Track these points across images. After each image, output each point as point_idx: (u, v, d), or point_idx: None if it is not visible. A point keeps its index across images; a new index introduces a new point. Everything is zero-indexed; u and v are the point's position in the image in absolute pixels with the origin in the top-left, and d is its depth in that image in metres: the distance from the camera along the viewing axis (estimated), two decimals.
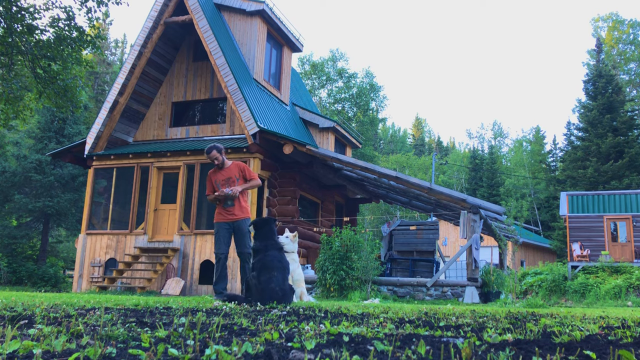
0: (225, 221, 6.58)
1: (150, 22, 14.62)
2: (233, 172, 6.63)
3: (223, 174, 6.64)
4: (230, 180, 6.60)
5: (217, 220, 6.64)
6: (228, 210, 6.57)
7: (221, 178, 6.61)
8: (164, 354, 1.55)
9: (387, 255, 13.66)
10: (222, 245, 6.55)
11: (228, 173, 6.64)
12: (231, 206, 6.55)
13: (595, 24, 48.69)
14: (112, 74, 44.82)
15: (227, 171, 6.66)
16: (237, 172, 6.63)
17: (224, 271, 6.53)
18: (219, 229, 6.58)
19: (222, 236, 6.56)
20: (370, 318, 3.44)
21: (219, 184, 6.58)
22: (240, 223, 6.59)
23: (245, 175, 6.68)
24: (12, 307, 3.59)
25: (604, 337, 2.30)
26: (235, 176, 6.62)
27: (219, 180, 6.60)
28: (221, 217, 6.60)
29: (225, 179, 6.60)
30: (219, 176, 6.63)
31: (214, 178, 6.67)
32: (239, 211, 6.61)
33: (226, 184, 6.55)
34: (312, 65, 42.30)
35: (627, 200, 22.32)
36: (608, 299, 17.35)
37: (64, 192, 23.48)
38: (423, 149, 71.72)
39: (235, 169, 6.65)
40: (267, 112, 14.55)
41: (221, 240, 6.55)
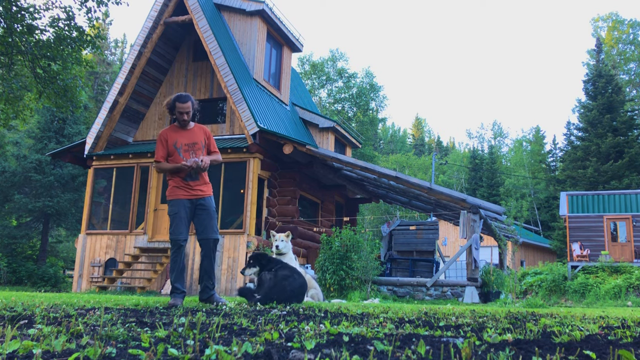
0: (189, 198, 5.15)
1: (150, 22, 14.62)
2: (199, 136, 5.28)
3: (186, 135, 5.22)
4: (196, 147, 5.22)
5: (175, 197, 5.15)
6: (191, 185, 5.16)
7: (184, 141, 5.18)
8: (163, 354, 1.55)
9: (387, 255, 13.66)
10: (182, 228, 5.11)
11: (192, 136, 5.25)
12: (196, 180, 5.17)
13: (595, 24, 48.73)
14: (112, 74, 44.82)
15: (190, 133, 5.26)
16: (202, 137, 5.30)
17: (183, 263, 5.17)
18: (179, 208, 5.10)
19: (183, 217, 5.11)
20: (370, 318, 3.44)
21: (179, 149, 5.16)
22: (208, 201, 5.22)
23: (210, 144, 5.40)
24: (12, 307, 3.59)
25: (603, 337, 2.30)
26: (202, 142, 5.27)
27: (180, 143, 5.17)
28: (182, 193, 5.14)
29: (189, 142, 5.20)
30: (181, 138, 5.19)
31: (172, 139, 5.18)
32: (205, 186, 5.25)
33: (190, 150, 5.18)
34: (312, 65, 42.31)
35: (627, 200, 22.33)
36: (608, 299, 17.35)
37: (64, 192, 23.48)
38: (423, 149, 71.73)
39: (201, 132, 5.32)
40: (267, 112, 14.55)
41: (182, 223, 5.10)
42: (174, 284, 5.05)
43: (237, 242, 12.84)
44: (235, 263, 12.72)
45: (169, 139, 5.19)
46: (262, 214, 14.00)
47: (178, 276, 5.10)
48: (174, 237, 5.10)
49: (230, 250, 12.86)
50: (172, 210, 5.14)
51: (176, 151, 5.17)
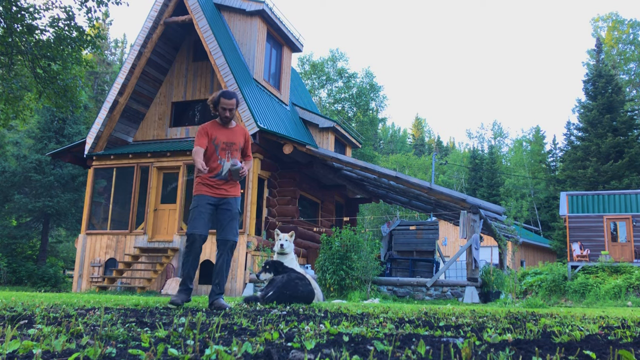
0: (213, 195, 4.89)
1: (150, 22, 14.62)
2: (238, 137, 5.07)
3: (226, 134, 5.02)
4: (234, 147, 5.01)
5: (199, 192, 4.91)
6: (218, 183, 4.91)
7: (223, 139, 4.99)
8: (163, 354, 1.55)
9: (387, 255, 13.66)
10: (199, 223, 4.81)
11: (232, 136, 5.05)
12: (224, 179, 4.92)
13: (595, 24, 48.73)
14: (112, 74, 44.82)
15: (231, 132, 5.05)
16: (242, 139, 5.10)
17: (196, 260, 4.88)
18: (200, 203, 4.86)
19: (202, 212, 4.83)
20: (370, 318, 3.44)
21: (217, 146, 4.96)
22: (231, 201, 4.96)
23: (247, 147, 5.20)
24: (12, 307, 3.59)
25: (603, 337, 2.30)
26: (240, 143, 5.08)
27: (219, 140, 4.97)
28: (206, 190, 4.90)
29: (228, 142, 5.00)
30: (221, 135, 4.99)
31: (213, 134, 4.99)
32: (231, 187, 4.99)
33: (227, 150, 4.98)
34: (312, 65, 42.31)
35: (627, 200, 22.33)
36: (608, 299, 17.35)
37: (64, 192, 23.48)
38: (423, 149, 71.73)
39: (241, 134, 5.12)
40: (267, 112, 14.55)
41: (200, 217, 4.82)
42: (183, 279, 4.87)
43: (237, 242, 12.83)
44: (235, 263, 12.72)
45: (210, 133, 4.99)
46: (262, 214, 14.00)
47: (189, 272, 4.87)
48: (189, 230, 4.83)
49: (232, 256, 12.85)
50: (193, 204, 4.94)
51: (214, 147, 4.97)
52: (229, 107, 4.96)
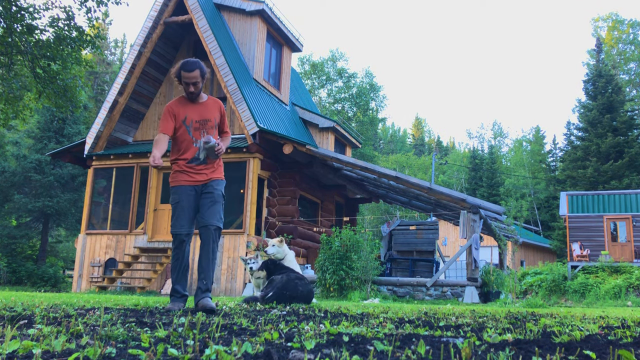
0: (193, 184, 4.28)
1: (150, 22, 14.62)
2: (212, 112, 4.39)
3: (197, 110, 4.34)
4: (209, 124, 4.34)
5: (176, 183, 4.30)
6: (196, 169, 4.29)
7: (194, 116, 4.31)
8: (163, 354, 1.55)
9: (387, 255, 13.66)
10: (184, 220, 4.23)
11: (205, 111, 4.36)
12: (203, 163, 4.30)
13: (595, 24, 48.74)
14: (112, 73, 44.82)
15: (203, 108, 4.37)
16: (217, 114, 4.41)
17: (185, 262, 4.29)
18: (181, 196, 4.25)
19: (185, 207, 4.24)
20: (370, 318, 3.44)
21: (189, 126, 4.29)
22: (214, 183, 4.35)
23: (224, 122, 4.53)
24: (12, 307, 3.59)
25: (603, 337, 2.30)
26: (215, 119, 4.39)
27: (190, 120, 4.29)
28: (185, 179, 4.28)
29: (201, 119, 4.32)
30: (192, 112, 4.32)
31: (181, 113, 4.30)
32: (213, 170, 4.38)
33: (202, 129, 4.30)
34: (312, 65, 42.32)
35: (627, 200, 22.34)
36: (608, 299, 17.35)
37: (64, 192, 23.48)
38: (423, 148, 71.74)
39: (215, 108, 4.43)
40: (266, 112, 14.55)
41: (184, 214, 4.23)
42: (174, 285, 4.25)
43: (237, 242, 12.84)
44: (235, 263, 12.72)
45: (177, 113, 4.30)
46: (262, 214, 14.00)
47: (179, 277, 4.26)
48: (173, 230, 4.23)
49: (230, 250, 12.86)
50: (173, 199, 4.30)
51: (185, 128, 4.28)
52: (193, 81, 4.22)
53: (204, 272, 4.23)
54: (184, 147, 4.33)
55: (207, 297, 4.12)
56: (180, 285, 4.25)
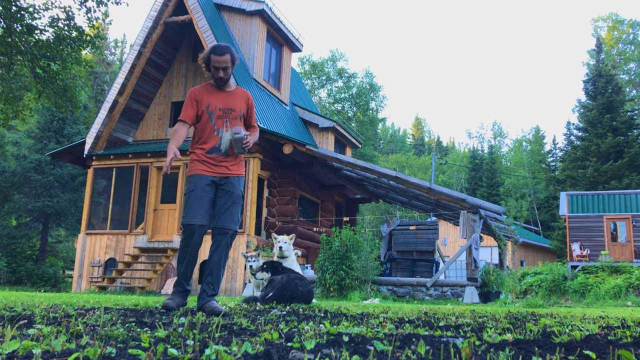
0: (212, 174, 3.96)
1: (150, 22, 14.62)
2: (239, 102, 4.11)
3: (223, 98, 4.06)
4: (233, 114, 4.05)
5: (194, 172, 3.97)
6: (217, 159, 3.98)
7: (219, 104, 4.03)
8: (163, 354, 1.55)
9: (386, 255, 13.65)
10: (198, 210, 3.89)
11: (231, 100, 4.08)
12: (224, 155, 4.00)
13: (595, 24, 48.74)
14: (112, 73, 44.82)
15: (229, 97, 4.09)
16: (243, 105, 4.13)
17: (195, 255, 3.95)
18: (198, 185, 3.92)
19: (201, 196, 3.90)
20: (370, 318, 3.44)
21: (212, 113, 4.00)
22: (234, 181, 4.02)
23: (251, 114, 4.24)
24: (12, 307, 3.59)
25: (603, 337, 2.30)
26: (241, 110, 4.11)
27: (214, 107, 4.02)
28: (203, 169, 3.96)
29: (225, 108, 4.04)
30: (216, 100, 4.04)
31: (205, 100, 4.03)
32: (234, 163, 4.06)
33: (225, 118, 4.02)
34: (312, 65, 42.32)
35: (627, 200, 22.34)
36: (608, 298, 17.36)
37: (64, 192, 23.49)
38: (423, 148, 71.73)
39: (242, 98, 4.15)
40: (266, 112, 14.55)
41: (199, 203, 3.90)
42: (181, 279, 3.97)
43: (237, 242, 12.84)
44: (235, 263, 12.72)
45: (201, 99, 4.02)
46: (261, 213, 14.00)
47: (185, 270, 3.94)
48: (185, 220, 3.91)
49: (230, 250, 12.85)
50: (188, 187, 3.99)
51: (208, 116, 3.99)
52: (223, 66, 3.95)
53: (214, 277, 3.93)
54: (205, 135, 4.01)
55: (214, 300, 3.88)
56: (185, 279, 3.98)
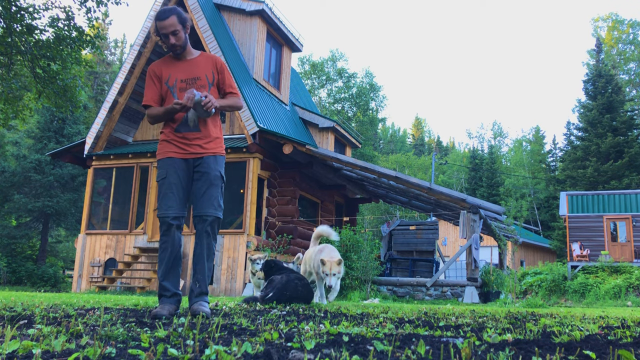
0: (183, 156, 3.51)
1: (150, 22, 14.61)
2: (204, 68, 3.62)
3: (184, 68, 3.60)
4: (199, 82, 3.57)
5: (164, 156, 3.54)
6: (188, 138, 3.51)
7: (180, 75, 3.57)
8: (163, 354, 1.55)
9: (386, 255, 13.66)
10: (172, 200, 3.46)
11: (194, 68, 3.61)
12: (195, 130, 3.52)
13: (595, 24, 48.75)
14: (112, 73, 44.82)
15: (192, 65, 3.62)
16: (210, 71, 3.62)
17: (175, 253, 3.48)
18: (169, 170, 3.49)
19: (173, 183, 3.47)
20: (370, 318, 3.44)
21: (173, 87, 3.55)
22: (209, 160, 3.53)
23: (224, 78, 3.67)
24: (12, 307, 3.59)
25: (603, 337, 2.30)
26: (207, 77, 3.60)
27: (174, 79, 3.56)
28: (174, 150, 3.52)
29: (188, 78, 3.58)
30: (177, 71, 3.59)
31: (165, 73, 3.58)
32: (209, 141, 3.56)
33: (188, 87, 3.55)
34: (312, 65, 42.33)
35: (627, 200, 22.34)
36: (608, 298, 17.36)
37: (64, 192, 23.49)
38: (423, 148, 71.73)
39: (208, 64, 3.64)
40: (266, 112, 14.55)
41: (172, 192, 3.46)
42: (162, 281, 3.44)
43: (237, 242, 12.84)
44: (235, 263, 12.71)
45: (160, 74, 3.58)
46: (261, 213, 14.00)
47: (168, 271, 3.45)
48: (159, 213, 3.47)
49: (230, 250, 12.85)
50: (159, 174, 3.53)
51: (169, 90, 3.55)
52: (170, 30, 3.46)
53: (199, 272, 3.49)
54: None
55: (202, 301, 3.42)
56: (170, 281, 3.44)
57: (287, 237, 13.35)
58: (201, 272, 3.48)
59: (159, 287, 3.46)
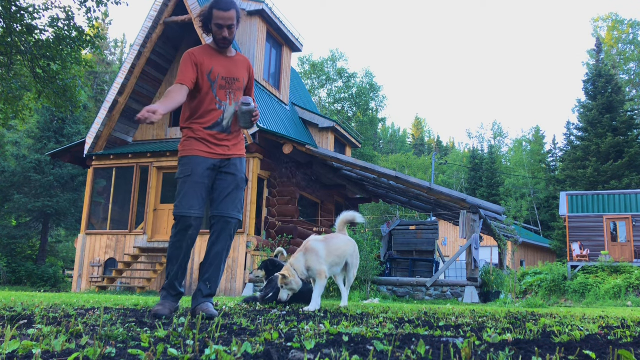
0: (211, 156, 3.37)
1: (150, 22, 14.62)
2: (241, 70, 3.50)
3: (225, 65, 3.45)
4: (236, 85, 3.45)
5: (190, 152, 3.37)
6: (218, 137, 3.39)
7: (222, 72, 3.41)
8: (163, 354, 1.55)
9: (386, 255, 13.65)
10: (194, 200, 3.32)
11: (234, 68, 3.47)
12: (227, 132, 3.41)
13: (595, 24, 48.77)
14: (112, 73, 44.82)
15: (232, 64, 3.48)
16: (245, 75, 3.53)
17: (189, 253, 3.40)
18: (195, 168, 3.33)
19: (198, 183, 3.33)
20: (370, 318, 3.44)
21: (215, 82, 3.39)
22: (237, 162, 3.45)
23: (251, 85, 3.63)
24: (12, 307, 3.59)
25: (603, 337, 2.30)
26: (243, 81, 3.51)
27: (216, 74, 3.40)
28: (202, 149, 3.36)
29: (228, 77, 3.43)
30: (219, 66, 3.42)
31: (207, 65, 3.39)
32: (235, 143, 3.49)
33: (228, 89, 3.41)
34: (312, 65, 42.34)
35: (627, 200, 22.34)
36: (608, 298, 17.36)
37: (64, 192, 23.49)
38: (423, 148, 71.73)
39: (244, 67, 3.54)
40: (266, 112, 14.55)
41: (196, 191, 3.32)
42: (173, 280, 3.36)
43: (237, 242, 12.84)
44: (235, 263, 12.72)
45: (202, 63, 3.37)
46: (261, 213, 14.00)
47: (178, 270, 3.37)
48: (179, 211, 3.31)
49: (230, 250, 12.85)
50: (182, 171, 3.36)
51: (209, 85, 3.36)
52: (228, 23, 3.31)
53: (211, 273, 3.36)
54: (204, 108, 3.38)
55: (210, 302, 3.34)
56: (179, 281, 3.40)
57: (287, 237, 13.35)
58: (215, 273, 3.39)
59: (168, 285, 3.36)
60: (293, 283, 4.57)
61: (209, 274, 3.37)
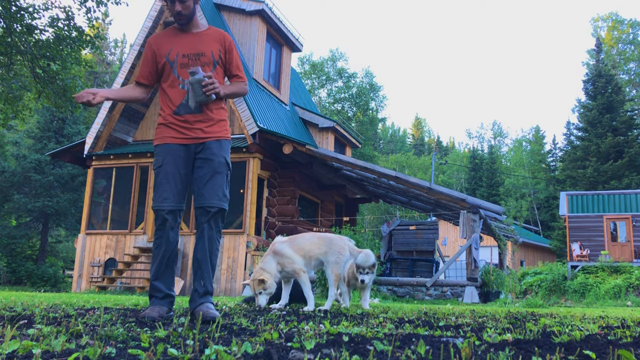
0: (182, 142, 3.15)
1: (150, 22, 14.62)
2: (209, 44, 3.23)
3: (188, 42, 3.23)
4: (203, 59, 3.19)
5: (161, 141, 3.18)
6: (191, 121, 3.14)
7: (182, 49, 3.20)
8: (163, 354, 1.55)
9: (386, 255, 13.65)
10: (168, 191, 3.12)
11: (199, 43, 3.23)
12: (197, 112, 3.14)
13: (595, 24, 48.77)
14: (112, 73, 44.81)
15: (197, 39, 3.24)
16: (216, 47, 3.23)
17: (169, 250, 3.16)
18: (166, 157, 3.14)
19: (170, 172, 3.13)
20: (370, 318, 3.44)
21: (174, 62, 3.18)
22: (212, 145, 3.15)
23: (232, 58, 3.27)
24: (12, 307, 3.59)
25: (603, 337, 2.30)
26: (213, 53, 3.21)
27: (175, 53, 3.19)
28: (171, 134, 3.16)
29: (190, 53, 3.19)
30: (179, 45, 3.21)
31: (165, 46, 3.22)
32: (213, 124, 3.18)
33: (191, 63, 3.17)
34: (312, 65, 42.34)
35: (627, 200, 22.35)
36: (607, 298, 17.36)
37: (64, 192, 23.49)
38: (423, 148, 71.72)
39: (215, 39, 3.26)
40: (266, 112, 14.55)
41: (169, 182, 3.12)
42: (154, 282, 3.13)
43: (237, 242, 12.84)
44: (235, 263, 12.71)
45: (159, 48, 3.20)
46: (261, 213, 14.00)
47: (161, 270, 3.14)
48: (154, 205, 3.12)
49: (230, 250, 12.85)
50: (155, 162, 3.19)
51: (169, 66, 3.17)
52: None
53: (201, 269, 3.13)
54: (168, 91, 3.18)
55: (207, 302, 3.10)
56: (162, 281, 3.14)
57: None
58: (206, 269, 3.12)
59: (150, 287, 3.15)
60: (272, 287, 4.60)
61: (200, 271, 3.14)
